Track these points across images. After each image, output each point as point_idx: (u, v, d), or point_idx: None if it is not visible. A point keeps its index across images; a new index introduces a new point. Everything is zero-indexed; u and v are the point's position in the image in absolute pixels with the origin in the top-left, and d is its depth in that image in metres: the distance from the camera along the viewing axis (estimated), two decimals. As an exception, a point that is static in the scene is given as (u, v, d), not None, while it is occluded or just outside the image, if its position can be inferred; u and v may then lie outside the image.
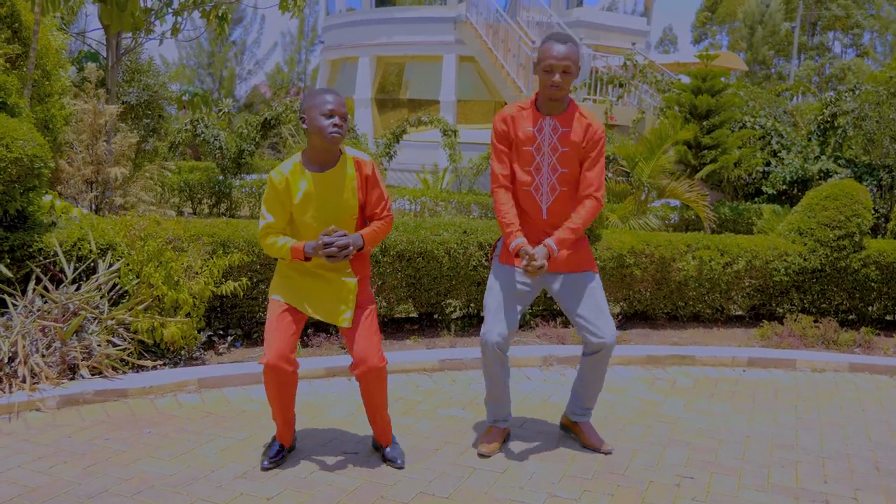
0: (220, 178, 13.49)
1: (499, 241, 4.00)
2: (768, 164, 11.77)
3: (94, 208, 8.39)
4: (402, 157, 14.91)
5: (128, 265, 5.01)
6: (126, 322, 4.86)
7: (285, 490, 3.43)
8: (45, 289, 4.89)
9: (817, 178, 11.03)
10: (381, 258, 5.79)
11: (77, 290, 4.93)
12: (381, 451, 3.81)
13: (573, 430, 4.17)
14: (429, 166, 15.48)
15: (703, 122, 10.71)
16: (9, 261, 4.94)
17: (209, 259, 5.28)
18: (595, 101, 14.96)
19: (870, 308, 7.07)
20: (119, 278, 5.01)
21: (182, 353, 5.02)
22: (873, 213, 7.48)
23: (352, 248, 3.42)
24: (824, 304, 6.99)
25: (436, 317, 6.35)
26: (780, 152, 11.75)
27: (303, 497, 3.38)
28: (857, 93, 11.21)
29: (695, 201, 8.91)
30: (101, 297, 4.92)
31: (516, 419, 4.46)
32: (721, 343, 6.34)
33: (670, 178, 9.53)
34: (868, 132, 10.67)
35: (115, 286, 5.05)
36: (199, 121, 13.65)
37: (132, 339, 4.85)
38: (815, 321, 6.79)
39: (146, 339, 4.85)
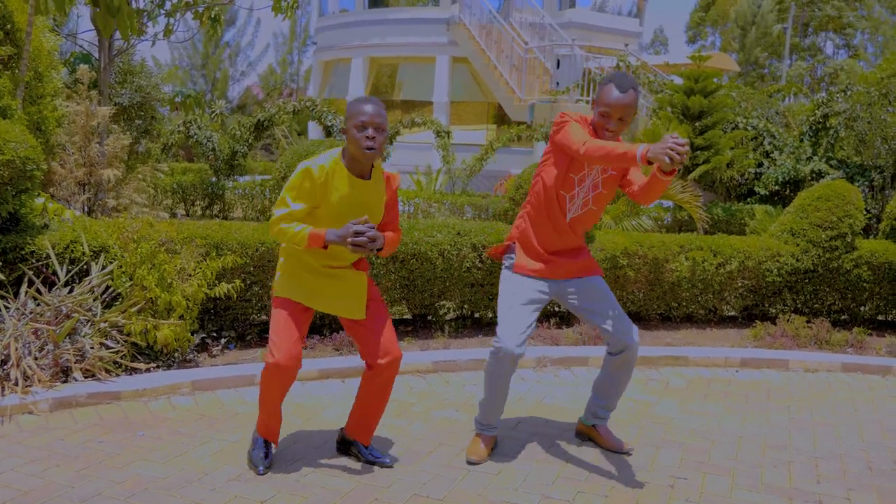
0: (213, 179, 13.47)
1: (509, 251, 3.98)
2: (761, 164, 11.80)
3: (86, 210, 8.37)
4: (395, 158, 14.92)
5: (121, 267, 5.00)
6: (119, 324, 4.85)
7: (279, 493, 3.43)
8: (38, 291, 4.88)
9: (809, 178, 11.07)
10: (375, 260, 5.79)
11: (70, 292, 4.92)
12: (358, 450, 3.80)
13: (590, 434, 4.17)
14: (422, 167, 15.49)
15: (696, 123, 10.73)
16: (1, 263, 4.93)
17: (202, 261, 5.27)
18: (588, 101, 14.99)
19: (862, 308, 7.10)
20: (112, 280, 5.00)
21: (175, 355, 5.00)
22: (865, 213, 7.51)
23: (379, 243, 3.37)
24: (817, 305, 7.01)
25: (429, 318, 6.35)
26: (773, 153, 11.78)
27: (297, 500, 3.37)
28: (849, 94, 11.25)
29: (688, 202, 8.92)
30: (93, 300, 4.90)
31: (510, 420, 4.46)
32: (714, 344, 6.36)
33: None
34: (860, 133, 10.72)
35: (108, 288, 5.03)
36: (192, 122, 13.63)
37: (125, 341, 4.83)
38: (808, 321, 6.81)
39: (139, 342, 4.84)
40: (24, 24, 6.42)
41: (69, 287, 4.96)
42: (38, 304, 4.78)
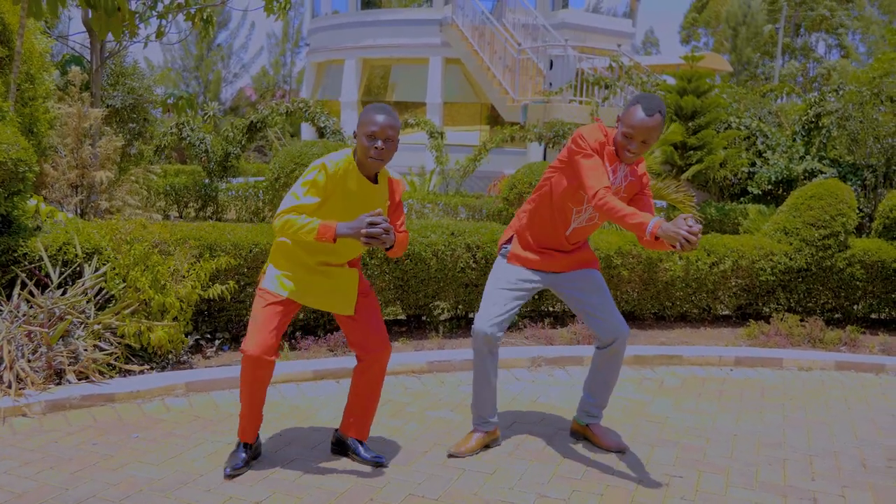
0: (207, 181, 13.44)
1: (507, 241, 4.03)
2: (753, 164, 11.83)
3: (79, 212, 8.34)
4: (389, 158, 14.88)
5: (114, 269, 4.98)
6: (113, 326, 4.83)
7: (274, 493, 3.42)
8: (31, 293, 4.86)
9: (802, 178, 11.10)
10: (369, 260, 5.78)
11: (63, 294, 4.90)
12: (354, 450, 3.80)
13: (585, 433, 4.19)
14: (415, 168, 15.49)
15: (689, 123, 10.76)
16: (-7, 265, 4.91)
17: (196, 262, 5.26)
18: (581, 102, 15.01)
19: (855, 307, 7.12)
20: (105, 282, 4.98)
21: (169, 357, 4.99)
22: (858, 212, 7.53)
23: (392, 237, 3.35)
24: (810, 303, 7.03)
25: (424, 319, 6.34)
26: (766, 153, 11.81)
27: (292, 500, 3.37)
28: (841, 93, 11.29)
29: (681, 202, 8.94)
30: (87, 302, 4.88)
31: (505, 419, 4.46)
32: (708, 343, 6.37)
33: (657, 178, 9.56)
34: (852, 132, 10.74)
35: (101, 290, 5.02)
36: (185, 124, 13.59)
37: (119, 343, 4.82)
38: (802, 320, 6.83)
39: (133, 344, 4.82)
40: (16, 25, 6.39)
41: (62, 289, 4.94)
42: (31, 307, 4.76)
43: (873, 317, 7.36)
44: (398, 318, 6.41)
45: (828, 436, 4.47)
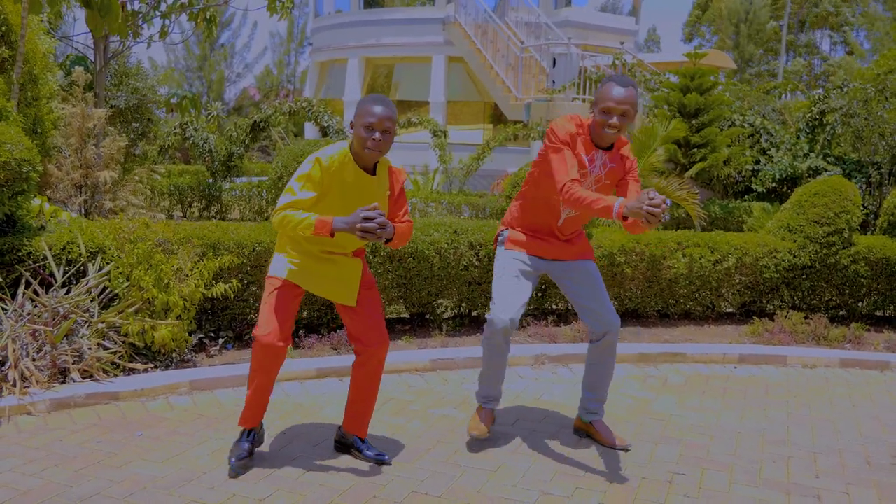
0: (210, 181, 13.46)
1: (502, 231, 4.07)
2: (758, 161, 11.80)
3: (83, 212, 8.36)
4: (392, 158, 14.85)
5: (118, 268, 5.00)
6: (116, 325, 4.85)
7: (277, 491, 3.43)
8: (35, 293, 4.87)
9: (807, 175, 11.07)
10: (372, 259, 5.79)
11: (67, 293, 4.91)
12: (357, 447, 3.81)
13: (588, 430, 4.19)
14: (419, 167, 15.50)
15: (693, 121, 10.74)
16: (-2, 265, 4.92)
17: (199, 261, 5.26)
18: (584, 100, 14.99)
19: (860, 304, 7.11)
20: (109, 281, 4.99)
21: (173, 355, 5.00)
22: (862, 209, 7.51)
23: (388, 231, 3.35)
24: (814, 301, 7.02)
25: (427, 317, 6.35)
26: (770, 150, 11.78)
27: (295, 498, 3.37)
28: (846, 90, 11.26)
29: (685, 199, 8.93)
30: (91, 301, 4.90)
31: (509, 416, 4.46)
32: (712, 340, 6.36)
33: (660, 176, 9.55)
34: (857, 129, 10.72)
35: (105, 289, 5.03)
36: (189, 124, 13.61)
37: (123, 342, 4.83)
38: (806, 317, 6.81)
39: (137, 342, 4.83)
40: (19, 26, 6.41)
41: (66, 288, 4.95)
42: (36, 306, 4.77)
43: (878, 314, 7.35)
44: (401, 316, 6.41)
45: (832, 433, 4.46)
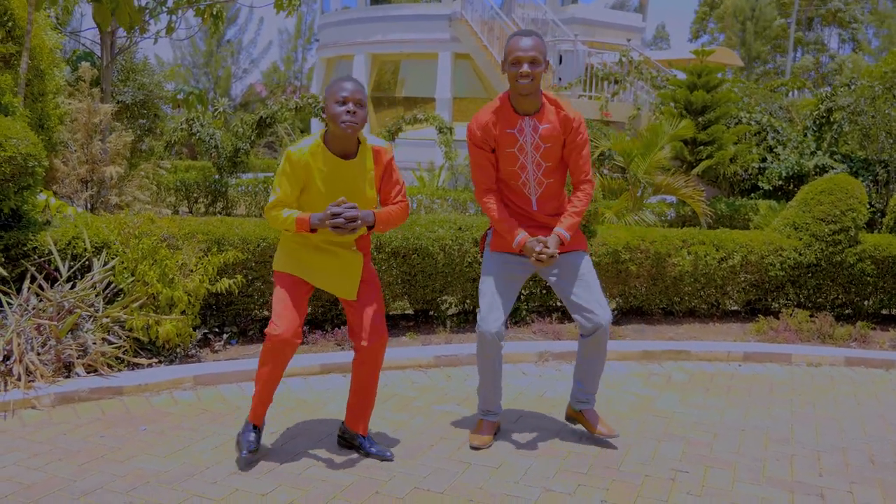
0: (217, 177, 13.47)
1: (488, 231, 4.06)
2: (764, 159, 11.77)
3: (89, 207, 8.38)
4: (397, 154, 14.79)
5: (122, 263, 5.01)
6: (121, 320, 4.86)
7: (280, 486, 3.43)
8: (40, 287, 4.89)
9: (813, 173, 11.03)
10: (377, 255, 5.79)
11: (72, 288, 4.93)
12: (359, 444, 3.81)
13: (578, 419, 4.19)
14: (425, 164, 15.48)
15: (699, 118, 10.71)
16: (3, 259, 4.94)
17: (204, 257, 5.27)
18: (590, 97, 14.97)
19: (865, 302, 7.08)
20: (114, 276, 5.01)
21: (177, 350, 5.01)
22: (869, 208, 7.48)
23: (359, 223, 3.38)
24: (820, 299, 6.99)
25: (431, 313, 6.35)
26: (776, 148, 11.75)
27: (297, 493, 3.38)
28: (853, 88, 11.21)
29: (691, 197, 8.91)
30: (96, 296, 4.91)
31: (512, 414, 4.46)
32: (716, 338, 6.35)
33: (666, 174, 9.53)
34: (864, 127, 10.67)
35: (109, 284, 5.04)
36: (195, 120, 13.62)
37: (127, 336, 4.84)
38: (811, 316, 6.79)
39: (141, 337, 4.85)
40: (26, 21, 6.42)
41: (71, 283, 4.97)
42: (41, 300, 4.79)
43: (884, 312, 7.32)
44: (405, 312, 6.41)
45: (836, 431, 4.45)
